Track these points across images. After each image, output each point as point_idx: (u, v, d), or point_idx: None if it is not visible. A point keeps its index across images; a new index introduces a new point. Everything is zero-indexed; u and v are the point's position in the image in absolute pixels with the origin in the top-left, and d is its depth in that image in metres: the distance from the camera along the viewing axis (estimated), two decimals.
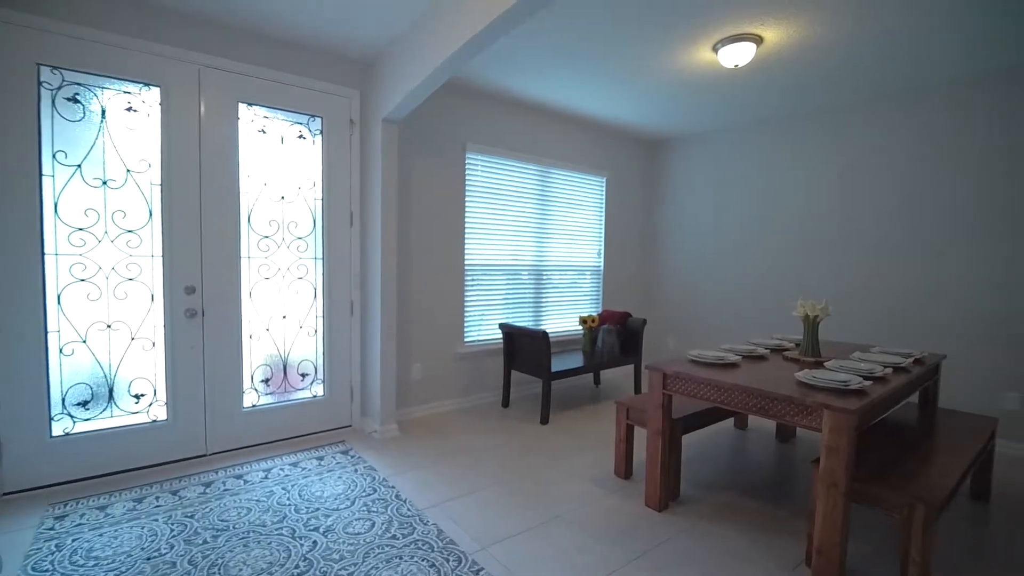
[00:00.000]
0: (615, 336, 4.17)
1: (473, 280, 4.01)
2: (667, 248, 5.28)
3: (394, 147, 3.20)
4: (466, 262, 3.94)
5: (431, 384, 3.79)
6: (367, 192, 3.31)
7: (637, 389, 4.33)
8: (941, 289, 3.51)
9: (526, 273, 4.35)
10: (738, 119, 4.45)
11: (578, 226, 4.74)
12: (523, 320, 4.35)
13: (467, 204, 3.92)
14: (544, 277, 4.50)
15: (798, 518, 2.34)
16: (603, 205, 4.92)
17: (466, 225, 3.92)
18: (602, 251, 4.95)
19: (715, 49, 3.05)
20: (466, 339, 3.98)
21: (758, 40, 2.91)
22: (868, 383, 1.99)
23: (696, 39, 2.94)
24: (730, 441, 3.34)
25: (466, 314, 3.97)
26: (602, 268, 4.96)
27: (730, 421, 3.69)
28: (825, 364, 2.35)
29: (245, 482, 2.55)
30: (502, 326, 3.89)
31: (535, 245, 4.40)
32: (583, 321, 4.28)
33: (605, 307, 5.01)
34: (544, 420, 3.58)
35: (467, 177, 3.91)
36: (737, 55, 2.97)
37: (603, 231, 4.95)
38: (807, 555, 1.97)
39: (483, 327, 4.10)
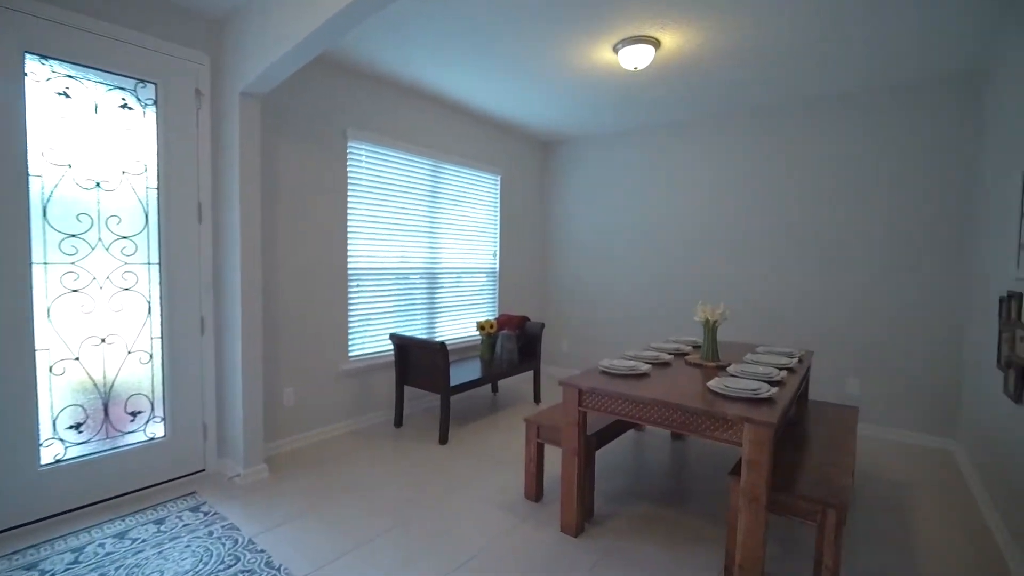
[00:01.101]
0: (515, 342, 4.00)
1: (358, 286, 3.54)
2: (561, 249, 5.26)
3: (256, 127, 2.64)
4: (350, 265, 3.46)
5: (309, 408, 3.25)
6: (222, 180, 2.69)
7: (536, 397, 4.21)
8: (808, 290, 3.89)
9: (418, 276, 3.98)
10: (634, 122, 4.53)
11: (472, 226, 4.48)
12: (415, 328, 3.98)
13: (350, 199, 3.44)
14: (437, 280, 4.16)
15: (710, 522, 2.34)
16: (498, 204, 4.72)
17: (349, 223, 3.44)
18: (497, 252, 4.75)
19: (615, 50, 2.99)
20: (351, 353, 3.50)
21: (656, 43, 2.90)
22: (774, 390, 2.02)
23: (596, 37, 2.84)
24: (629, 445, 3.35)
25: (351, 325, 3.49)
26: (497, 270, 4.77)
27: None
28: (728, 369, 2.39)
29: (41, 574, 1.86)
30: (393, 337, 3.48)
31: (427, 246, 4.04)
32: (481, 327, 4.04)
33: (502, 311, 4.83)
34: (443, 439, 3.27)
35: (349, 168, 3.42)
36: (637, 57, 2.94)
37: (498, 231, 4.75)
38: (726, 568, 1.94)
39: (371, 338, 3.65)
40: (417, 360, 3.42)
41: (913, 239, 3.45)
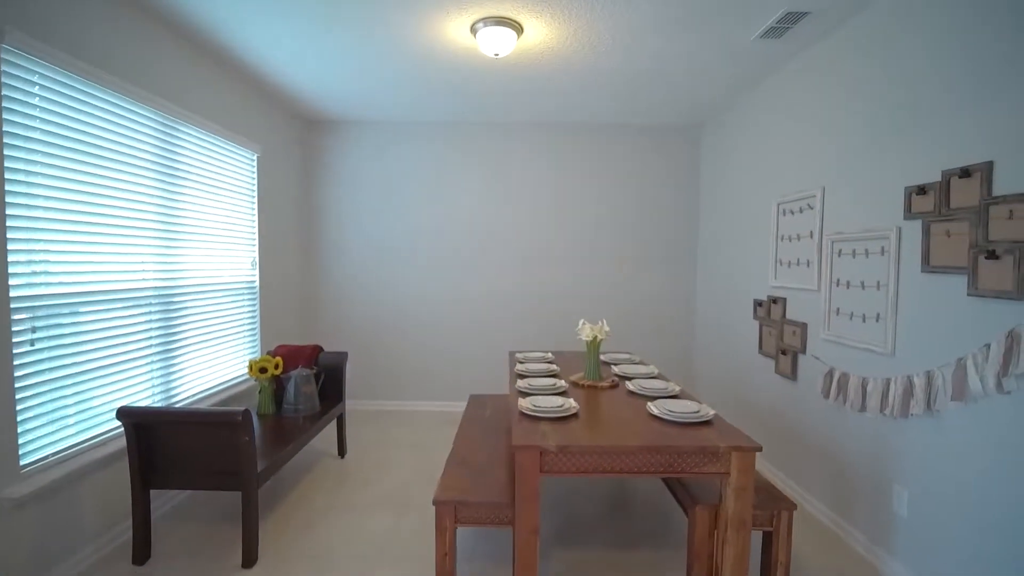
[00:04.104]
0: (313, 383, 2.96)
1: (34, 329, 1.88)
2: (334, 253, 4.27)
3: None
4: (14, 292, 1.80)
5: None
6: None
7: (342, 450, 3.24)
8: (578, 294, 4.30)
9: (147, 302, 2.45)
10: (433, 115, 3.99)
11: (224, 221, 3.09)
12: (141, 387, 2.43)
13: (8, 167, 1.78)
14: (176, 306, 2.67)
15: (645, 551, 2.22)
16: (255, 192, 3.41)
17: (9, 212, 1.78)
18: (257, 260, 3.44)
19: (474, 30, 2.54)
20: (27, 459, 1.84)
21: (519, 29, 2.59)
22: (707, 406, 2.07)
23: (453, 10, 2.35)
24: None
25: (22, 406, 1.82)
26: (258, 284, 3.46)
27: None
28: (630, 387, 2.33)
29: None
30: (126, 414, 2.01)
31: (160, 252, 2.54)
32: (260, 369, 2.82)
33: (265, 340, 3.53)
34: (250, 559, 2.09)
35: (6, 105, 1.76)
36: (498, 41, 2.56)
37: (257, 230, 3.44)
38: None
39: (68, 421, 2.01)
40: (182, 444, 2.07)
41: (656, 252, 4.26)
